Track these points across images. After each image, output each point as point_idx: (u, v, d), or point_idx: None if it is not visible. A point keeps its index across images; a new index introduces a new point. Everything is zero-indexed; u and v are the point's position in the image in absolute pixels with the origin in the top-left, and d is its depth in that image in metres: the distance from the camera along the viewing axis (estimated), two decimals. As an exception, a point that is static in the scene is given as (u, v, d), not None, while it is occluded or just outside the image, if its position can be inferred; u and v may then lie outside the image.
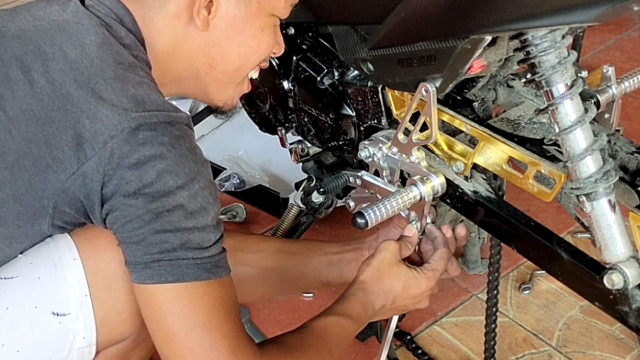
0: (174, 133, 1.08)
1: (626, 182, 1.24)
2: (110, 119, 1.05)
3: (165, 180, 1.06)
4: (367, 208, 1.28)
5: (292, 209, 1.75)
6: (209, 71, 1.23)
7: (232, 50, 1.22)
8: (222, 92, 1.27)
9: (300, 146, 1.65)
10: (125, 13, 1.15)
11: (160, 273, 1.08)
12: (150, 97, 1.09)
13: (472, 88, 1.40)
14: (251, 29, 1.21)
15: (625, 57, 2.56)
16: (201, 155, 1.12)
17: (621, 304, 1.15)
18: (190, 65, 1.22)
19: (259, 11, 1.20)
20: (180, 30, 1.18)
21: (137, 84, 1.09)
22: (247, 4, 1.18)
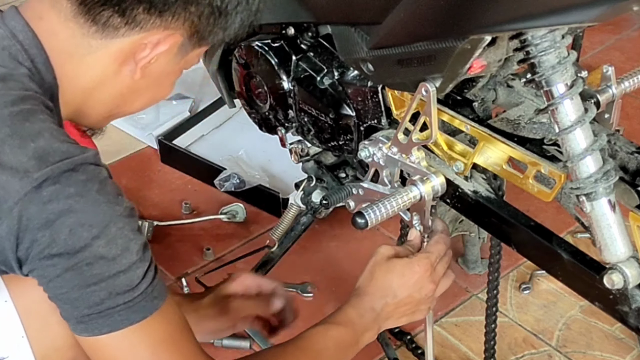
0: (79, 179, 1.02)
1: (626, 182, 1.24)
2: (12, 184, 1.00)
3: (79, 235, 1.01)
4: (367, 208, 1.28)
5: (292, 209, 1.75)
6: (112, 109, 1.20)
7: (143, 98, 1.20)
8: (103, 124, 1.25)
9: (300, 146, 1.65)
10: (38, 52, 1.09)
11: (93, 327, 1.05)
12: (53, 147, 1.03)
13: (472, 88, 1.40)
14: (167, 82, 1.20)
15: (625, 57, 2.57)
16: (113, 188, 1.07)
17: (621, 304, 1.15)
18: (98, 102, 1.17)
19: (179, 69, 1.18)
20: (111, 71, 1.13)
21: (36, 135, 1.03)
22: (177, 62, 1.15)
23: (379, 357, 1.69)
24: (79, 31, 1.09)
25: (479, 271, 1.85)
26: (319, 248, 1.95)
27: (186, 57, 1.16)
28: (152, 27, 1.09)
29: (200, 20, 1.10)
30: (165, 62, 1.14)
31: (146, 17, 1.08)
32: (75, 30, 1.09)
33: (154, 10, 1.07)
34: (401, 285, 1.29)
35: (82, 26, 1.08)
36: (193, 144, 2.29)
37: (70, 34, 1.09)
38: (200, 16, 1.10)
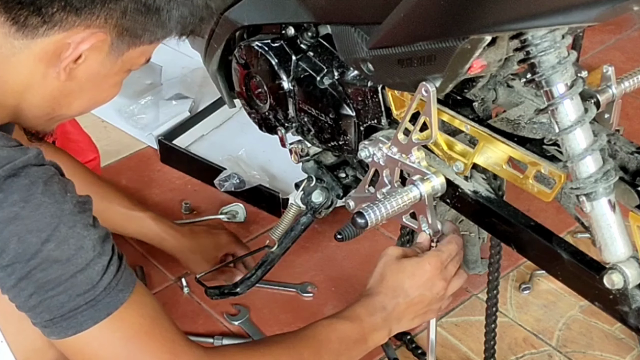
0: (22, 184, 1.00)
1: (626, 182, 1.24)
2: None
3: (28, 241, 0.99)
4: (366, 208, 1.28)
5: (292, 209, 1.75)
6: (49, 112, 1.16)
7: (79, 100, 1.15)
8: (47, 127, 1.21)
9: (300, 146, 1.64)
10: None
11: (59, 330, 1.04)
12: None
13: (472, 88, 1.40)
14: (106, 84, 1.15)
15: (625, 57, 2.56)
16: (60, 187, 1.04)
17: (621, 304, 1.15)
18: (32, 105, 1.14)
19: (120, 69, 1.14)
20: (38, 73, 1.09)
21: None
22: (113, 62, 1.11)
23: (379, 357, 1.69)
24: (1, 31, 1.05)
25: (479, 271, 1.84)
26: (319, 248, 1.95)
27: (123, 57, 1.12)
28: (71, 26, 1.05)
29: (125, 17, 1.07)
30: (97, 62, 1.10)
31: (63, 16, 1.04)
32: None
33: (70, 8, 1.04)
34: (412, 285, 1.28)
35: (3, 25, 1.05)
36: (193, 144, 2.29)
37: None
38: (124, 13, 1.07)
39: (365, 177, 1.41)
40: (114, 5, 1.05)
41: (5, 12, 1.04)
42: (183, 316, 1.78)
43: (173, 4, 1.09)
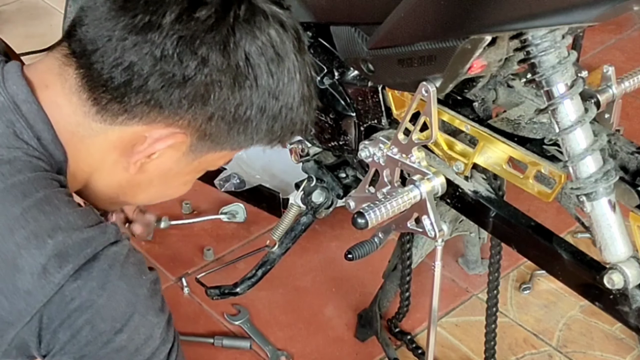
0: (101, 268, 0.96)
1: (626, 182, 1.24)
2: (34, 290, 0.94)
3: (101, 330, 0.96)
4: (367, 208, 1.28)
5: (292, 209, 1.75)
6: (113, 197, 1.12)
7: (145, 193, 1.11)
8: (109, 208, 1.19)
9: (301, 146, 1.64)
10: (45, 127, 1.00)
11: None
12: (72, 238, 0.95)
13: (472, 88, 1.40)
14: (178, 182, 1.10)
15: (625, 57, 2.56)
16: (135, 268, 1.00)
17: (621, 304, 1.15)
18: (97, 188, 1.09)
19: (194, 169, 1.08)
20: (109, 160, 1.04)
21: (53, 230, 0.95)
22: (189, 162, 1.05)
23: (379, 357, 1.69)
24: (81, 109, 1.00)
25: (479, 271, 1.85)
26: (319, 248, 1.95)
27: (201, 159, 1.05)
28: (152, 121, 0.99)
29: (210, 123, 1.00)
30: (172, 160, 1.04)
31: (145, 110, 0.98)
32: (77, 107, 1.00)
33: (155, 103, 0.98)
34: None
35: (85, 104, 0.99)
36: (193, 144, 2.29)
37: (72, 110, 1.00)
38: (210, 119, 1.00)
39: (366, 177, 1.41)
40: (201, 110, 0.99)
41: (89, 91, 0.98)
42: (183, 316, 1.78)
43: (264, 118, 1.02)
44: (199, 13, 0.95)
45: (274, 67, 0.99)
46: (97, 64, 0.97)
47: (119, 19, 0.96)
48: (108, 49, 0.96)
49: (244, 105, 0.99)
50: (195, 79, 0.96)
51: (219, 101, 0.98)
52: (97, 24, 0.97)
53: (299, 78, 1.02)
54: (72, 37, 0.99)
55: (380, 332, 1.68)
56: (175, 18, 0.95)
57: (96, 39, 0.96)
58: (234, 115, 1.00)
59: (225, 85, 0.97)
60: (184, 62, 0.95)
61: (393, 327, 1.71)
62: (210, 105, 0.98)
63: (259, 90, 0.99)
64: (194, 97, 0.97)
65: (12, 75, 1.01)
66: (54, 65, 1.00)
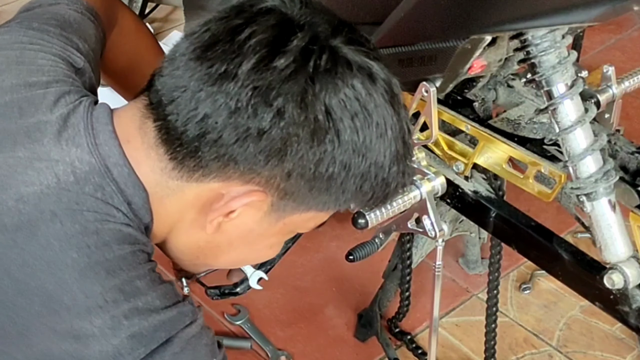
0: (173, 352, 0.92)
1: (626, 182, 1.24)
2: None
3: None
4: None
5: (293, 209, 1.75)
6: (192, 259, 1.06)
7: (228, 255, 1.04)
8: (193, 270, 1.14)
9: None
10: (137, 192, 0.94)
11: None
12: (148, 321, 0.92)
13: (473, 88, 1.40)
14: (260, 244, 1.02)
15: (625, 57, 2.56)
16: (208, 349, 0.96)
17: (621, 304, 1.15)
18: (176, 247, 1.03)
19: (279, 231, 1.00)
20: (187, 219, 0.97)
21: (131, 311, 0.91)
22: (272, 223, 0.97)
23: (379, 357, 1.69)
24: (159, 165, 0.93)
25: (479, 271, 1.85)
26: (319, 248, 1.95)
27: (285, 219, 0.97)
28: (228, 178, 0.92)
29: (289, 181, 0.92)
30: (253, 220, 0.96)
31: (221, 166, 0.91)
32: (155, 163, 0.93)
33: (229, 159, 0.91)
34: None
35: (162, 159, 0.93)
36: (193, 144, 2.29)
37: (151, 167, 0.94)
38: (288, 176, 0.92)
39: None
40: (278, 166, 0.91)
41: (165, 145, 0.92)
42: (183, 316, 1.78)
43: (350, 176, 0.93)
44: (277, 62, 0.88)
45: (359, 122, 0.91)
46: (172, 115, 0.91)
47: (197, 69, 0.90)
48: (183, 100, 0.90)
49: (325, 162, 0.91)
50: (271, 132, 0.89)
51: (296, 157, 0.90)
52: (175, 74, 0.92)
53: (390, 134, 0.93)
54: (152, 87, 0.94)
55: (380, 332, 1.68)
56: (252, 67, 0.88)
57: (173, 89, 0.91)
58: (314, 173, 0.92)
59: (303, 139, 0.89)
60: (258, 115, 0.88)
61: (393, 327, 1.71)
62: (287, 161, 0.91)
63: (342, 146, 0.91)
64: (270, 151, 0.90)
65: (103, 129, 0.94)
66: (136, 117, 0.94)
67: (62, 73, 1.01)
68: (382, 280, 1.68)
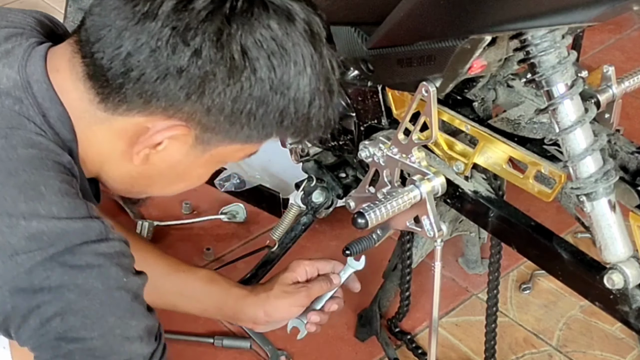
0: (77, 265, 0.93)
1: (626, 182, 1.24)
2: None
3: (71, 325, 0.94)
4: (367, 208, 1.28)
5: (292, 209, 1.75)
6: (128, 188, 1.11)
7: (158, 185, 1.09)
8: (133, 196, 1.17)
9: (301, 146, 1.64)
10: (53, 106, 0.99)
11: None
12: (48, 226, 0.93)
13: (472, 88, 1.40)
14: (189, 175, 1.08)
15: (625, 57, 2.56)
16: (117, 270, 0.96)
17: (621, 304, 1.15)
18: (110, 177, 1.08)
19: (207, 162, 1.05)
20: (117, 150, 1.02)
21: (30, 216, 0.93)
22: (198, 155, 1.03)
23: (379, 357, 1.69)
24: (87, 96, 0.99)
25: (479, 271, 1.85)
26: (319, 248, 1.94)
27: (212, 151, 1.03)
28: (151, 113, 0.98)
29: (209, 117, 0.98)
30: (180, 153, 1.02)
31: (143, 101, 0.97)
32: (83, 94, 0.99)
33: (152, 95, 0.96)
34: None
35: (90, 91, 0.99)
36: (193, 144, 2.29)
37: (79, 96, 0.99)
38: (208, 111, 0.97)
39: (366, 177, 1.41)
40: (198, 103, 0.96)
41: (92, 80, 0.98)
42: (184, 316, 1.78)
43: (269, 112, 0.99)
44: (196, 3, 0.93)
45: (276, 61, 0.96)
46: (98, 53, 0.96)
47: (122, 8, 0.95)
48: (109, 38, 0.95)
49: (242, 99, 0.97)
50: (189, 70, 0.94)
51: (214, 94, 0.96)
52: (103, 13, 0.97)
53: (310, 71, 0.97)
54: (82, 26, 0.99)
55: (380, 332, 1.68)
56: (172, 8, 0.93)
57: (100, 28, 0.96)
58: (232, 109, 0.97)
59: (220, 77, 0.95)
60: (177, 53, 0.94)
61: (393, 327, 1.71)
62: (206, 97, 0.96)
63: (258, 84, 0.96)
64: (190, 89, 0.95)
65: (35, 55, 1.00)
66: (67, 51, 1.00)
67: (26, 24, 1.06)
68: (382, 280, 1.68)
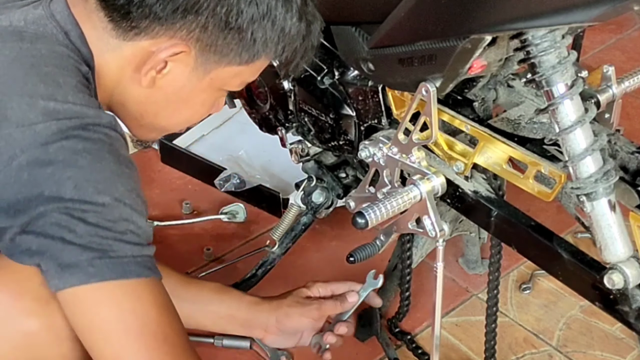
0: (90, 138, 1.04)
1: (626, 182, 1.24)
2: (14, 136, 1.02)
3: (84, 188, 1.02)
4: (367, 208, 1.28)
5: (292, 209, 1.75)
6: (138, 118, 1.21)
7: (165, 112, 1.20)
8: (143, 135, 1.28)
9: (301, 146, 1.64)
10: (73, 28, 1.11)
11: (82, 273, 1.03)
12: (64, 107, 1.04)
13: (473, 88, 1.40)
14: (193, 100, 1.19)
15: (625, 57, 2.56)
16: (125, 157, 1.08)
17: (621, 304, 1.15)
18: (123, 103, 1.19)
19: (208, 86, 1.17)
20: (126, 74, 1.14)
21: (48, 98, 1.04)
22: (199, 78, 1.15)
23: (379, 357, 1.69)
24: (100, 24, 1.11)
25: (479, 271, 1.85)
26: (319, 248, 1.94)
27: (211, 74, 1.14)
28: (155, 35, 1.10)
29: (206, 33, 1.10)
30: (182, 76, 1.14)
31: (148, 24, 1.09)
32: (97, 23, 1.11)
33: (154, 17, 1.08)
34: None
35: (102, 20, 1.11)
36: (193, 144, 2.29)
37: (92, 25, 1.11)
38: (204, 28, 1.10)
39: (366, 177, 1.41)
40: (194, 19, 1.08)
41: (104, 9, 1.10)
42: (183, 316, 1.78)
43: (257, 26, 1.11)
44: None
45: None
46: None
47: None
48: None
49: (233, 13, 1.08)
50: None
51: (208, 10, 1.07)
52: None
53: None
54: None
55: (380, 332, 1.68)
56: None
57: None
58: (226, 22, 1.08)
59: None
60: None
61: (393, 327, 1.71)
62: (201, 14, 1.08)
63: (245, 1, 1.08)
64: (186, 7, 1.07)
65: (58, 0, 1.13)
66: None
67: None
68: (382, 280, 1.68)
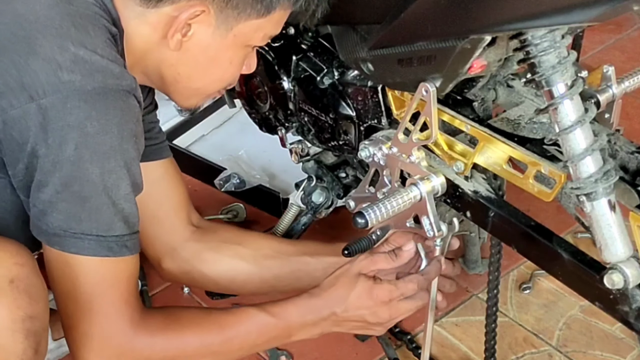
0: (105, 105, 1.09)
1: (626, 182, 1.24)
2: (39, 76, 1.07)
3: (81, 154, 1.08)
4: (367, 208, 1.28)
5: (292, 209, 1.75)
6: (173, 82, 1.27)
7: (197, 73, 1.25)
8: (184, 101, 1.33)
9: (301, 146, 1.65)
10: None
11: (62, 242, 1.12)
12: (92, 59, 1.09)
13: (472, 88, 1.40)
14: (221, 59, 1.24)
15: (625, 57, 2.56)
16: (131, 126, 1.13)
17: (621, 304, 1.15)
18: (157, 69, 1.25)
19: (233, 43, 1.22)
20: (154, 40, 1.20)
21: (79, 44, 1.09)
22: (223, 36, 1.21)
23: (379, 357, 1.69)
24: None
25: (479, 271, 1.84)
26: (319, 248, 1.94)
27: (233, 30, 1.19)
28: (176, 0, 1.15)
29: None
30: (207, 35, 1.19)
31: None
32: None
33: None
34: (355, 303, 1.31)
35: None
36: (193, 144, 2.29)
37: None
38: None
39: (366, 177, 1.41)
40: None
41: None
42: (183, 316, 1.78)
43: None
44: None
45: None
46: None
47: None
48: None
49: None
50: None
51: None
52: None
53: None
54: None
55: (380, 332, 1.67)
56: None
57: None
58: None
59: None
60: None
61: (393, 327, 1.71)
62: None
63: None
64: None
65: None
66: None
67: None
68: (382, 280, 1.67)
